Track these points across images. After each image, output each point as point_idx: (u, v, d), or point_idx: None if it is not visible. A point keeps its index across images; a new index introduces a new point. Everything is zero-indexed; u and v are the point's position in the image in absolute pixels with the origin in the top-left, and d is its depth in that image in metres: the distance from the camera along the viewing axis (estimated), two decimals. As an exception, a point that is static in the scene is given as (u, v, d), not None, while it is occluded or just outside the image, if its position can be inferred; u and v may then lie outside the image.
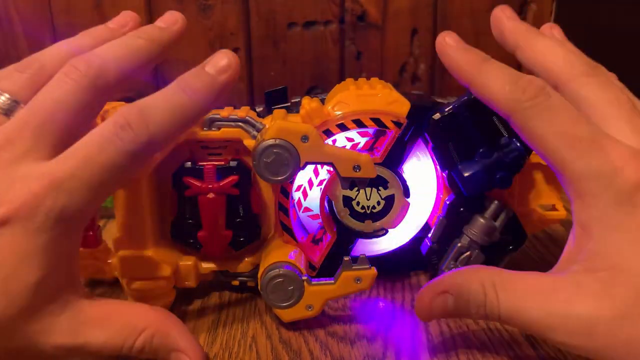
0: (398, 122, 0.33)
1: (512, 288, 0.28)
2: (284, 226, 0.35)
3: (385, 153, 0.34)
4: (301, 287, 0.32)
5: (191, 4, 0.74)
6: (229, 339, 0.33)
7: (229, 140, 0.35)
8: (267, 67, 0.77)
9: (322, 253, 0.36)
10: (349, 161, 0.31)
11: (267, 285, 0.32)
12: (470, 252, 0.35)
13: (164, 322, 0.28)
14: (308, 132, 0.31)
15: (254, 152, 0.31)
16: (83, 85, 0.27)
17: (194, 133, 0.34)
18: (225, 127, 0.34)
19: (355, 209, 0.37)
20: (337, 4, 0.75)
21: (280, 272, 0.32)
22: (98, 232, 0.37)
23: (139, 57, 0.29)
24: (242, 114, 0.34)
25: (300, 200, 0.37)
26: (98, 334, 0.27)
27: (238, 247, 0.36)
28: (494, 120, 0.34)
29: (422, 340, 0.32)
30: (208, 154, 0.35)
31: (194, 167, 0.34)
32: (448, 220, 0.36)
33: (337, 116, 0.34)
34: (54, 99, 0.27)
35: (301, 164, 0.31)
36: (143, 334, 0.27)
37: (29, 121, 0.26)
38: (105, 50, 0.29)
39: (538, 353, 0.31)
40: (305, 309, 0.33)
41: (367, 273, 0.32)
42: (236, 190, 0.34)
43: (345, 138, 0.36)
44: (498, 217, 0.35)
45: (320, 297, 0.33)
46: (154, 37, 0.30)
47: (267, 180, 0.31)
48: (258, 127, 0.34)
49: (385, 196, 0.36)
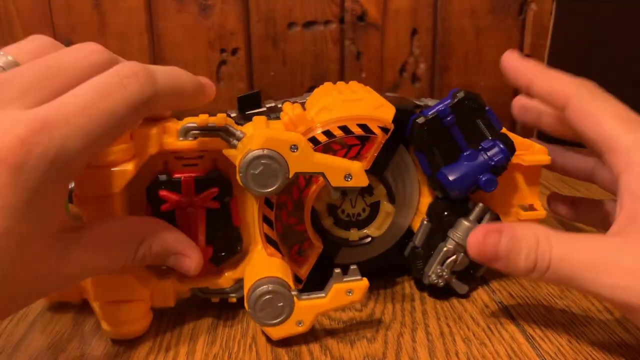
0: (385, 127, 0.33)
1: (564, 238, 0.29)
2: (269, 239, 0.33)
3: (372, 159, 0.33)
4: (291, 303, 0.31)
5: (191, 4, 0.74)
6: (229, 339, 0.33)
7: (206, 151, 0.33)
8: (267, 67, 0.77)
9: (308, 265, 0.35)
10: (340, 170, 0.30)
11: (255, 302, 0.30)
12: (456, 256, 0.35)
13: (159, 230, 0.30)
14: (297, 142, 0.29)
15: (241, 163, 0.29)
16: (133, 99, 0.25)
17: (168, 143, 0.32)
18: (202, 136, 0.32)
19: (340, 217, 0.36)
20: (337, 4, 0.75)
21: (269, 288, 0.30)
22: None
23: (184, 94, 0.29)
24: (220, 122, 0.32)
25: (285, 210, 0.35)
26: (100, 258, 0.28)
27: (219, 263, 0.34)
28: (478, 123, 0.34)
29: (422, 340, 0.32)
30: (183, 165, 0.33)
31: (170, 179, 0.32)
32: (433, 224, 0.35)
33: (322, 123, 0.33)
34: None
35: (290, 174, 0.29)
36: (142, 245, 0.29)
37: (24, 72, 0.24)
38: (161, 71, 0.27)
39: (538, 353, 0.31)
40: (295, 325, 0.31)
41: (358, 285, 0.31)
42: (216, 204, 0.33)
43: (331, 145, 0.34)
44: (482, 220, 0.35)
45: (311, 312, 0.31)
46: (193, 80, 0.30)
47: (255, 192, 0.30)
48: (238, 135, 0.32)
49: (371, 203, 0.36)
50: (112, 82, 0.25)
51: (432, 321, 0.34)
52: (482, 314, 0.35)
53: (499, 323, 0.34)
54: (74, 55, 0.26)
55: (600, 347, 0.31)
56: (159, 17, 0.72)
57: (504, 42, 0.74)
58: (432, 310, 0.35)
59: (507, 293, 0.37)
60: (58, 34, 0.74)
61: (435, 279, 0.35)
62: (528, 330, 0.33)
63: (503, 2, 0.73)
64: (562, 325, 0.33)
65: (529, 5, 0.74)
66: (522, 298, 0.36)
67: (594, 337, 0.32)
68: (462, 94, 0.34)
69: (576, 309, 0.35)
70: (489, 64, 0.75)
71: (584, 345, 0.32)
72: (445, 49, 0.75)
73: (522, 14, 0.74)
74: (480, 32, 0.73)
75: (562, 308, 0.35)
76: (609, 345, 0.32)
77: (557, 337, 0.32)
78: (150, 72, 0.26)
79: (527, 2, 0.74)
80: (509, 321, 0.34)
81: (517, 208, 0.38)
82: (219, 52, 0.74)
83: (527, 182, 0.37)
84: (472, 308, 0.35)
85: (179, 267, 0.31)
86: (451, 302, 0.36)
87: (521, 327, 0.33)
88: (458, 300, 0.36)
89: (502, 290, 0.37)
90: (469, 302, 0.36)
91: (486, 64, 0.75)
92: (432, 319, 0.34)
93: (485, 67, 0.75)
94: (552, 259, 0.28)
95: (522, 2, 0.74)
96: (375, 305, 0.36)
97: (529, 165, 0.36)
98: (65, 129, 0.23)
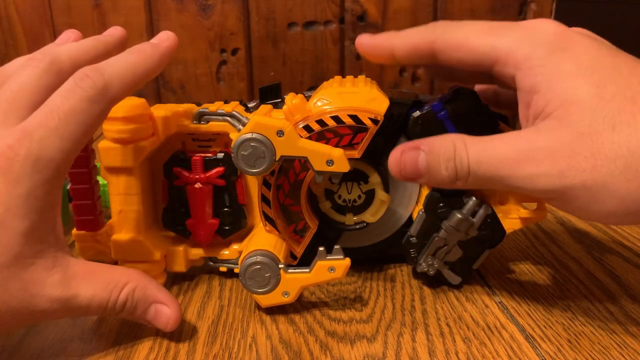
0: (375, 119, 0.34)
1: (480, 140, 0.30)
2: (266, 216, 0.36)
3: (363, 149, 0.35)
4: (277, 275, 0.34)
5: (191, 4, 0.74)
6: (229, 339, 0.33)
7: (217, 134, 0.37)
8: (267, 67, 0.77)
9: (303, 244, 0.37)
10: (322, 156, 0.32)
11: (245, 271, 0.34)
12: (447, 247, 0.36)
13: (143, 278, 0.31)
14: (283, 127, 0.32)
15: (233, 145, 0.32)
16: (89, 94, 0.29)
17: (184, 126, 0.37)
18: (213, 120, 0.37)
19: (337, 202, 0.38)
20: (337, 4, 0.75)
21: (258, 259, 0.34)
22: (100, 216, 0.38)
23: (137, 73, 0.31)
24: (229, 108, 0.36)
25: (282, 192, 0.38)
26: (87, 287, 0.29)
27: (225, 235, 0.38)
28: (473, 118, 0.35)
29: (422, 340, 0.32)
30: (198, 146, 0.38)
31: (183, 158, 0.37)
32: (428, 215, 0.36)
33: (317, 112, 0.35)
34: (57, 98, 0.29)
35: (277, 157, 0.32)
36: (126, 287, 0.30)
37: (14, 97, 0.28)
38: (111, 64, 0.31)
39: (538, 353, 0.31)
40: (281, 295, 0.34)
41: (340, 263, 0.33)
42: (222, 181, 0.37)
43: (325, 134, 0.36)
44: (476, 214, 0.36)
45: (296, 285, 0.34)
46: (149, 53, 0.32)
47: (245, 172, 0.33)
48: (244, 121, 0.36)
49: (366, 190, 0.38)
50: (69, 88, 0.29)
51: (432, 321, 0.34)
52: (482, 314, 0.35)
53: (499, 323, 0.34)
54: (33, 75, 0.30)
55: (600, 347, 0.31)
56: (159, 17, 0.72)
57: (504, 42, 0.74)
58: (432, 310, 0.35)
59: (507, 293, 0.37)
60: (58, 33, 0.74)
61: (425, 267, 0.37)
62: (528, 330, 0.33)
63: (503, 2, 0.73)
64: (562, 325, 0.33)
65: (529, 5, 0.74)
66: (522, 298, 0.37)
67: (594, 337, 0.32)
68: (457, 90, 0.35)
69: (576, 309, 0.35)
70: (489, 64, 0.75)
71: (584, 345, 0.32)
72: (445, 49, 0.75)
73: (522, 14, 0.74)
74: (480, 32, 0.74)
75: (562, 308, 0.35)
76: (609, 345, 0.32)
77: (557, 337, 0.32)
78: (97, 68, 0.29)
79: (527, 2, 0.74)
80: (509, 321, 0.34)
81: (519, 205, 0.38)
82: (219, 52, 0.74)
83: None
84: (472, 308, 0.35)
85: (157, 319, 0.31)
86: (451, 302, 0.36)
87: (521, 327, 0.33)
88: (458, 300, 0.36)
89: (502, 290, 0.37)
90: (469, 302, 0.36)
91: (486, 64, 0.75)
92: (432, 319, 0.34)
93: (485, 67, 0.75)
94: (470, 162, 0.29)
95: (522, 2, 0.74)
96: (375, 305, 0.36)
97: None
98: (41, 132, 0.27)
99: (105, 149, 0.35)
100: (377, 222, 0.38)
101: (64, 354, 0.31)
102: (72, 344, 0.32)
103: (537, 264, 0.41)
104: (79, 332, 0.33)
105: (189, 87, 0.79)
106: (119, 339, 0.33)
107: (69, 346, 0.32)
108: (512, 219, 0.38)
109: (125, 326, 0.34)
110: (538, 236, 0.46)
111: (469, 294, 0.37)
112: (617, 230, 0.47)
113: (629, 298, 0.36)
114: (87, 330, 0.34)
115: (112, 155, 0.35)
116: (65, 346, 0.32)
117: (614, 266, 0.41)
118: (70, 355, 0.31)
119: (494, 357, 0.31)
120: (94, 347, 0.32)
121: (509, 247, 0.44)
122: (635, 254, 0.42)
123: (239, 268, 0.34)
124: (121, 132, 0.34)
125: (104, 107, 0.29)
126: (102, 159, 0.35)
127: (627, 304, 0.36)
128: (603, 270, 0.40)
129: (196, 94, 0.79)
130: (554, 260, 0.42)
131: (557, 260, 0.42)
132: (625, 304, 0.36)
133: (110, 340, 0.32)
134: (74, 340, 0.33)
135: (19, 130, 0.27)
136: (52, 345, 0.32)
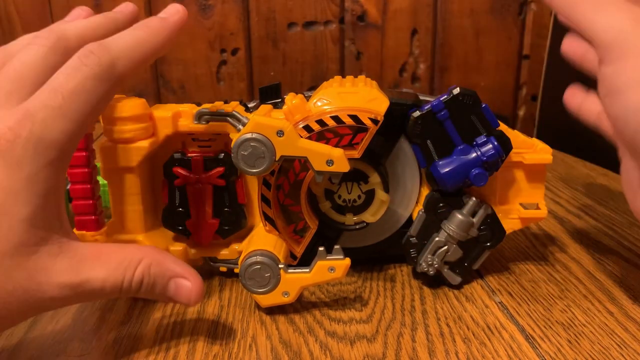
0: (375, 119, 0.34)
1: None
2: (266, 216, 0.36)
3: (363, 149, 0.35)
4: (277, 275, 0.34)
5: (191, 4, 0.74)
6: (229, 339, 0.33)
7: (217, 134, 0.37)
8: (267, 67, 0.77)
9: (303, 244, 0.37)
10: (322, 156, 0.32)
11: (245, 271, 0.34)
12: (447, 247, 0.36)
13: (158, 253, 0.29)
14: (283, 127, 0.32)
15: (233, 145, 0.32)
16: (95, 72, 0.28)
17: (183, 125, 0.36)
18: (213, 120, 0.36)
19: (337, 202, 0.38)
20: (337, 4, 0.75)
21: (258, 259, 0.33)
22: (100, 216, 0.37)
23: (145, 49, 0.30)
24: (229, 108, 0.36)
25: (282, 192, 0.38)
26: (98, 269, 0.27)
27: (225, 235, 0.38)
28: (473, 119, 0.35)
29: (422, 340, 0.32)
30: (198, 146, 0.37)
31: (182, 157, 0.37)
32: (428, 215, 0.36)
33: (317, 112, 0.35)
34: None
35: (277, 157, 0.32)
36: (140, 264, 0.28)
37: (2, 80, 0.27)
38: (117, 41, 0.30)
39: (538, 353, 0.31)
40: (281, 295, 0.34)
41: (340, 263, 0.34)
42: (222, 181, 0.37)
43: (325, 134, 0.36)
44: (476, 214, 0.36)
45: (296, 285, 0.34)
46: (157, 28, 0.31)
47: (245, 172, 0.33)
48: (244, 121, 0.35)
49: (366, 190, 0.38)
50: (73, 65, 0.27)
51: (432, 321, 0.34)
52: (482, 314, 0.35)
53: (498, 323, 0.34)
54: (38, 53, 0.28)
55: (600, 347, 0.31)
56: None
57: (503, 42, 0.74)
58: (432, 310, 0.35)
59: (507, 293, 0.37)
60: (58, 34, 0.74)
61: (425, 267, 0.37)
62: (528, 330, 0.33)
63: (503, 2, 0.73)
64: (562, 325, 0.33)
65: (529, 5, 0.74)
66: (522, 298, 0.37)
67: (594, 337, 0.32)
68: (457, 90, 0.35)
69: (576, 309, 0.35)
70: (489, 64, 0.75)
71: (584, 345, 0.32)
72: (445, 49, 0.75)
73: (522, 14, 0.74)
74: (480, 32, 0.73)
75: (562, 308, 0.35)
76: (609, 345, 0.32)
77: (557, 337, 0.32)
78: (103, 44, 0.28)
79: (527, 2, 0.74)
80: (508, 321, 0.34)
81: (519, 206, 0.38)
82: (219, 52, 0.74)
83: (530, 181, 0.38)
84: (472, 308, 0.35)
85: (178, 294, 0.29)
86: (451, 302, 0.36)
87: (521, 327, 0.33)
88: (458, 300, 0.36)
89: (502, 290, 0.37)
90: (469, 302, 0.36)
91: (486, 64, 0.75)
92: (432, 319, 0.34)
93: (485, 67, 0.75)
94: None
95: (522, 2, 0.74)
96: (375, 305, 0.36)
97: (530, 163, 0.37)
98: (44, 112, 0.26)
99: (105, 149, 0.35)
100: (377, 222, 0.38)
101: (64, 354, 0.31)
102: (72, 344, 0.32)
103: (537, 264, 0.41)
104: (79, 332, 0.33)
105: (189, 87, 0.79)
106: (119, 339, 0.33)
107: (69, 346, 0.32)
108: (512, 219, 0.38)
109: (125, 326, 0.34)
110: (538, 236, 0.46)
111: (469, 294, 0.37)
112: (617, 230, 0.47)
113: (629, 298, 0.36)
114: (87, 330, 0.34)
115: (112, 155, 0.35)
116: (65, 346, 0.32)
117: (614, 266, 0.41)
118: (70, 355, 0.31)
119: (494, 357, 0.31)
120: (94, 347, 0.32)
121: (509, 247, 0.44)
122: (635, 254, 0.42)
123: (239, 268, 0.34)
124: (121, 132, 0.34)
125: (110, 85, 0.28)
126: (102, 159, 0.35)
127: (627, 304, 0.36)
128: (603, 270, 0.40)
129: (196, 94, 0.79)
130: (554, 260, 0.42)
131: (557, 260, 0.42)
132: (625, 304, 0.36)
133: (110, 340, 0.32)
134: (74, 340, 0.33)
135: (20, 111, 0.26)
136: (52, 345, 0.32)
